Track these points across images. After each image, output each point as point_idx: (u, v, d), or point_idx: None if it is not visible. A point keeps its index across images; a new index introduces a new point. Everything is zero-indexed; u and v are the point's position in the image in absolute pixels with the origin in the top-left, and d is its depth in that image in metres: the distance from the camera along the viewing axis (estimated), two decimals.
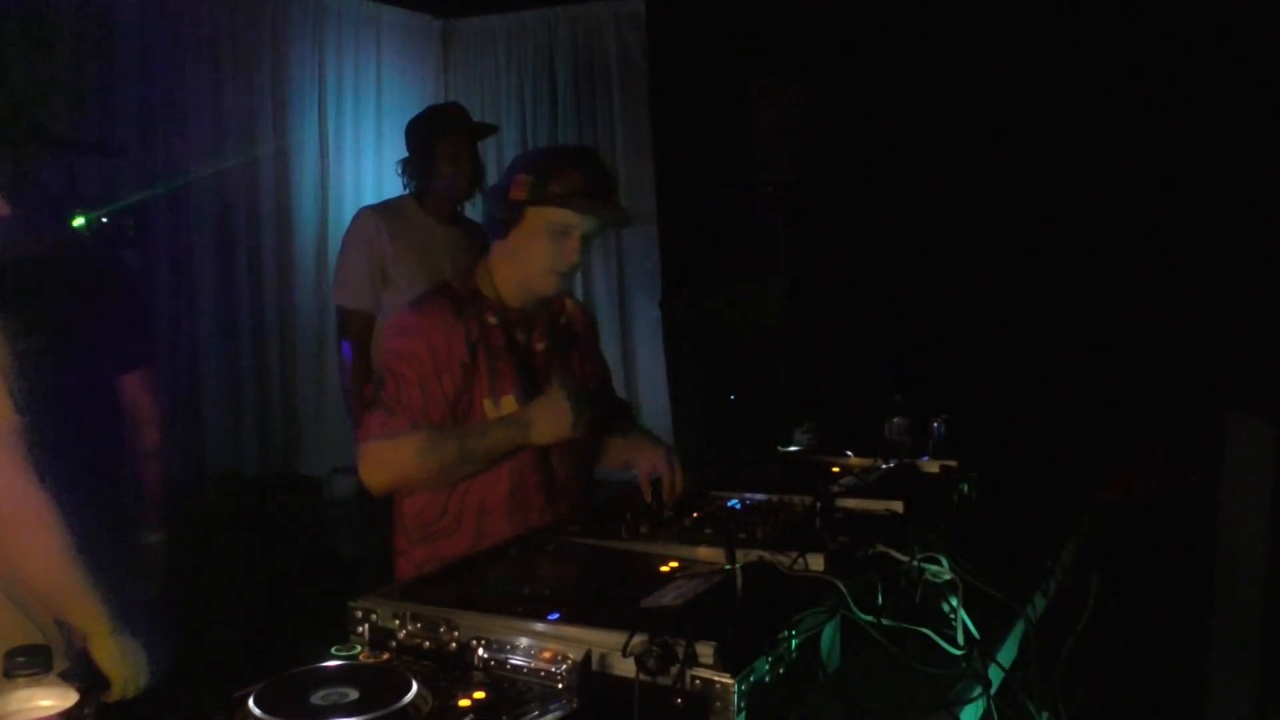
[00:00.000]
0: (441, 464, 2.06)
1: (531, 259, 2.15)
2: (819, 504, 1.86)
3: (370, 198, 4.79)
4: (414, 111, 3.75)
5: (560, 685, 1.28)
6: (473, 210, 3.75)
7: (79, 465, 2.56)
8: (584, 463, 2.31)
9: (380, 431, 2.05)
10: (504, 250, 2.19)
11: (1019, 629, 1.78)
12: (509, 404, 2.13)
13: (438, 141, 3.46)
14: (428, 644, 1.42)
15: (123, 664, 1.89)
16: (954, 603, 1.62)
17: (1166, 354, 4.22)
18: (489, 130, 3.77)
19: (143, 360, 2.71)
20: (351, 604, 1.50)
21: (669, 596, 1.48)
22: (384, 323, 2.19)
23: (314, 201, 5.02)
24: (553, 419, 2.06)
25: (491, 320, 2.17)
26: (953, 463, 2.37)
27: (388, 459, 2.06)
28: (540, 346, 2.24)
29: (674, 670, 1.23)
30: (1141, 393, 4.24)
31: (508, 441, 2.08)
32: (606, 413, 2.34)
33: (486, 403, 2.13)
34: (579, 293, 5.58)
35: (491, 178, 3.42)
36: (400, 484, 2.14)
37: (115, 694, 1.98)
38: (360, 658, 1.39)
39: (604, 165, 2.18)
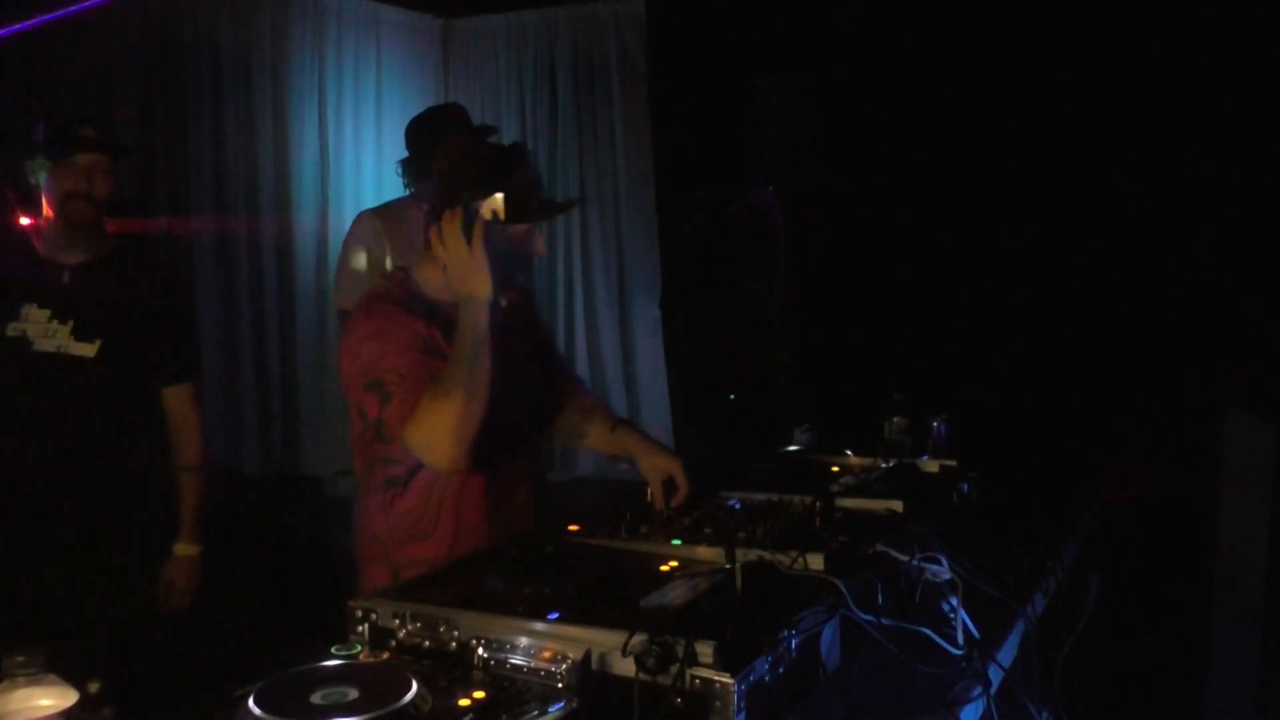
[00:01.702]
0: (468, 387, 1.95)
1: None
2: (819, 504, 1.86)
3: (370, 197, 4.78)
4: (414, 111, 3.74)
5: (560, 685, 1.28)
6: None
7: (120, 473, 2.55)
8: (532, 470, 2.27)
9: (411, 412, 1.96)
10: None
11: (1019, 629, 1.78)
12: None
13: (437, 143, 3.45)
14: (428, 643, 1.42)
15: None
16: (954, 602, 1.62)
17: (1166, 354, 4.22)
18: (488, 133, 3.77)
19: (191, 373, 2.70)
20: (351, 603, 1.50)
21: (669, 596, 1.48)
22: (341, 342, 2.04)
23: (314, 202, 5.02)
24: (472, 274, 1.98)
25: (435, 326, 2.08)
26: (953, 463, 2.37)
27: (434, 420, 1.95)
28: None
29: (674, 669, 1.24)
30: (1141, 393, 4.24)
31: (471, 323, 1.98)
32: (551, 382, 2.32)
33: None
34: (579, 293, 5.58)
35: None
36: (460, 433, 1.97)
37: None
38: (360, 657, 1.39)
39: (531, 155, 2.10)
